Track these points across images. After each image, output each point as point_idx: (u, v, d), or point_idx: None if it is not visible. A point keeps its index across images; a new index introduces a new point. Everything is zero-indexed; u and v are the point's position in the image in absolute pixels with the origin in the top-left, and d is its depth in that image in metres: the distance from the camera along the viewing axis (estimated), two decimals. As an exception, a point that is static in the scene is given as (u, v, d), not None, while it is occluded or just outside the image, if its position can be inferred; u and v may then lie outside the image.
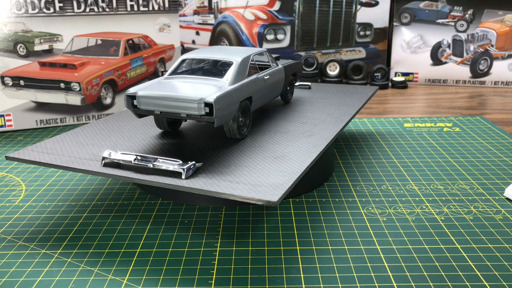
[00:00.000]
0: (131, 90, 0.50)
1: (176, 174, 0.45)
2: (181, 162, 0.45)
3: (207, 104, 0.47)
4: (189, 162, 0.45)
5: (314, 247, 0.46)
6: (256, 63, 0.60)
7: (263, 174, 0.45)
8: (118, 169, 0.46)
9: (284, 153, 0.50)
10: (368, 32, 1.17)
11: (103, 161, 0.47)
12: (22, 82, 0.83)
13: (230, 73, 0.53)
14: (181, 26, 1.17)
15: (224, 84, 0.51)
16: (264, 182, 0.43)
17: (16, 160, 0.50)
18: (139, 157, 0.46)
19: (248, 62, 0.55)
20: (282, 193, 0.41)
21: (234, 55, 0.55)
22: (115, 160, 0.47)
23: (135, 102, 0.50)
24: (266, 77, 0.57)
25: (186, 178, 0.44)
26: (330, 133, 0.56)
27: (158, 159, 0.46)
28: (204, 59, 0.57)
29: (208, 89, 0.49)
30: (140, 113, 0.51)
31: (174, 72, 0.55)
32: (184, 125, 0.60)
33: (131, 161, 0.46)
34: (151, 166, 0.45)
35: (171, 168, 0.45)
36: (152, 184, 0.44)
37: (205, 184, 0.43)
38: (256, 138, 0.55)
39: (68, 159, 0.49)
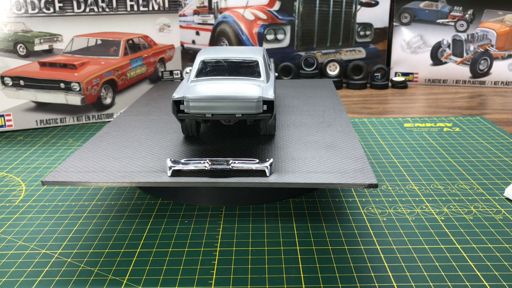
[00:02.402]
0: (176, 95, 0.48)
1: (259, 173, 0.45)
2: (258, 160, 0.45)
3: (265, 102, 0.47)
4: (267, 160, 0.45)
5: (314, 247, 0.46)
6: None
7: (334, 162, 0.47)
8: (191, 176, 0.45)
9: (328, 142, 0.52)
10: (368, 32, 1.17)
11: (170, 170, 0.45)
12: (22, 82, 0.83)
13: (262, 71, 0.53)
14: (181, 26, 1.17)
15: (262, 82, 0.51)
16: (344, 169, 0.45)
17: (56, 184, 0.45)
18: (209, 161, 0.45)
19: (265, 60, 0.56)
20: (374, 175, 0.44)
21: (251, 54, 0.55)
22: (185, 168, 0.45)
23: (181, 107, 0.48)
24: (276, 74, 0.58)
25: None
26: (344, 121, 0.58)
27: (233, 161, 0.45)
28: (225, 60, 0.55)
29: (255, 88, 0.49)
30: (186, 118, 0.49)
31: (200, 74, 0.53)
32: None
33: (205, 166, 0.45)
34: (229, 168, 0.45)
35: (254, 167, 0.44)
36: (237, 186, 0.44)
37: (293, 178, 0.44)
38: (283, 132, 0.55)
39: (123, 174, 0.46)
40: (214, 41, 1.18)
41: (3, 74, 0.81)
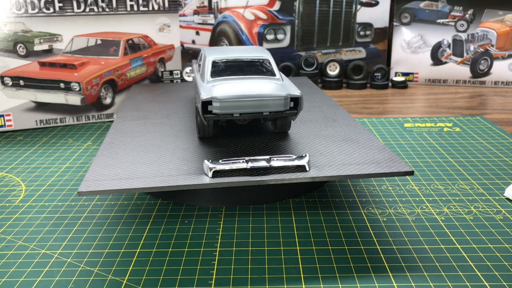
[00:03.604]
0: (205, 96, 0.47)
1: (297, 169, 0.45)
2: (294, 156, 0.46)
3: (292, 99, 0.48)
4: (304, 156, 0.46)
5: (314, 247, 0.46)
6: None
7: (361, 154, 0.49)
8: (231, 176, 0.44)
9: (343, 136, 0.54)
10: (368, 32, 1.17)
11: (211, 171, 0.44)
12: (22, 82, 0.83)
13: (276, 70, 0.54)
14: (181, 26, 1.17)
15: (278, 80, 0.52)
16: (375, 160, 0.47)
17: (94, 193, 0.43)
18: (247, 160, 0.45)
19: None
20: (405, 163, 0.47)
21: (258, 53, 0.56)
22: (225, 168, 0.45)
23: (209, 107, 0.47)
24: None
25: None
26: (344, 115, 0.60)
27: (272, 158, 0.45)
28: (236, 59, 0.55)
29: (278, 86, 0.50)
30: (214, 119, 0.48)
31: (215, 74, 0.53)
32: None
33: (245, 166, 0.45)
34: (269, 165, 0.45)
35: (295, 163, 0.45)
36: (278, 182, 0.44)
37: (332, 171, 0.45)
38: (294, 129, 0.57)
39: (162, 178, 0.45)
40: (214, 41, 1.18)
41: (3, 74, 0.81)
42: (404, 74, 1.17)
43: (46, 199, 0.57)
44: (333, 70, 1.15)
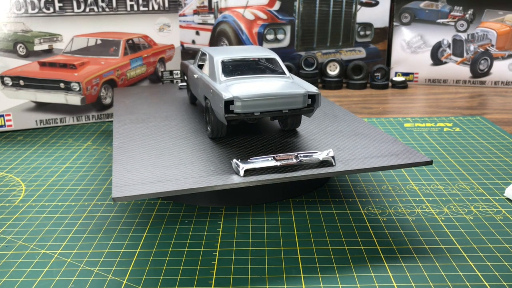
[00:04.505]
0: (227, 96, 0.47)
1: (323, 164, 0.46)
2: (318, 152, 0.47)
3: (309, 96, 0.49)
4: (327, 150, 0.47)
5: (314, 247, 0.46)
6: None
7: (377, 147, 0.51)
8: (262, 174, 0.45)
9: (352, 131, 0.56)
10: (368, 32, 1.17)
11: (243, 170, 0.44)
12: (22, 82, 0.83)
13: (284, 68, 0.55)
14: (181, 26, 1.17)
15: (289, 78, 0.53)
16: (392, 152, 0.49)
17: (130, 199, 0.41)
18: (276, 157, 0.46)
19: None
20: (422, 154, 0.49)
21: (264, 52, 0.56)
22: (256, 167, 0.45)
23: (230, 107, 0.47)
24: None
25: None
26: (342, 111, 0.61)
27: (299, 154, 0.46)
28: (244, 59, 0.55)
29: (292, 84, 0.51)
30: (235, 119, 0.48)
31: (226, 74, 0.52)
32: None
33: (276, 163, 0.45)
34: (299, 161, 0.46)
35: (321, 158, 0.46)
36: (307, 178, 0.45)
37: (357, 164, 0.46)
38: (300, 126, 0.58)
39: (195, 180, 0.44)
40: (214, 41, 1.18)
41: (3, 74, 0.81)
42: (404, 74, 1.17)
43: (46, 199, 0.57)
44: (333, 70, 1.15)
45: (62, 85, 0.85)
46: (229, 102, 0.47)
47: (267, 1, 1.14)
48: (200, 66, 0.61)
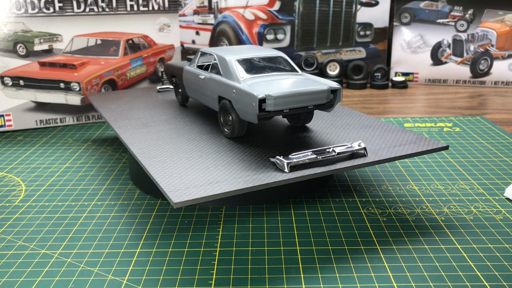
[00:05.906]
0: (260, 94, 0.47)
1: (356, 156, 0.48)
2: (349, 144, 0.49)
3: (332, 91, 0.51)
4: (359, 142, 0.49)
5: (314, 247, 0.46)
6: None
7: (391, 137, 0.53)
8: (306, 168, 0.46)
9: (359, 123, 0.57)
10: (368, 32, 1.17)
11: (288, 166, 0.45)
12: (21, 82, 0.83)
13: (295, 66, 0.56)
14: (181, 26, 1.17)
15: (302, 75, 0.54)
16: (409, 141, 0.52)
17: (190, 203, 0.41)
18: (315, 152, 0.47)
19: None
20: (438, 141, 0.51)
21: (268, 51, 0.57)
22: (300, 162, 0.46)
23: (262, 105, 0.48)
24: None
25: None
26: (342, 108, 0.62)
27: (333, 148, 0.48)
28: (254, 58, 0.56)
29: (311, 80, 0.52)
30: (265, 117, 0.49)
31: (245, 73, 0.53)
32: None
33: (316, 157, 0.46)
34: (336, 154, 0.47)
35: (358, 149, 0.48)
36: (348, 170, 0.47)
37: (385, 154, 0.49)
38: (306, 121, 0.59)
39: (244, 180, 0.44)
40: (214, 41, 1.18)
41: (3, 74, 0.81)
42: (404, 74, 1.17)
43: (46, 199, 0.57)
44: (333, 70, 1.15)
45: (62, 85, 0.85)
46: (262, 101, 0.48)
47: (267, 1, 1.14)
48: (200, 67, 0.60)
